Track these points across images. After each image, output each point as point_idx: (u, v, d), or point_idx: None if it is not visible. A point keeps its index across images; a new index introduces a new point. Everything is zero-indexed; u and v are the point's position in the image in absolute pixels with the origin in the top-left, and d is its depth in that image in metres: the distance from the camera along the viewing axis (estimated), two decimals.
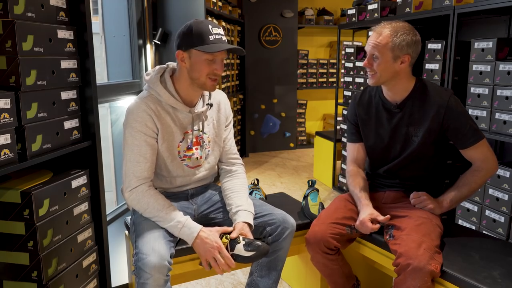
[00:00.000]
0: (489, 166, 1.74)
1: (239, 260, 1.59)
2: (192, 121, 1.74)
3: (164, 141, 1.69)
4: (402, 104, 1.80)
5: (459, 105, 1.75)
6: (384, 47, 1.72)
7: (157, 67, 1.75)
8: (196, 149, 1.76)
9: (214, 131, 1.82)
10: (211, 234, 1.60)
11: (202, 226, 1.61)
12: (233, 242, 1.60)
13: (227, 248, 1.59)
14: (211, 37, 1.60)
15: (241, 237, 1.61)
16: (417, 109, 1.78)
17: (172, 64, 1.76)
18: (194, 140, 1.76)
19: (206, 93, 1.81)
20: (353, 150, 1.99)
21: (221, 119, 1.85)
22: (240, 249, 1.58)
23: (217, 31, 1.63)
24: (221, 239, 1.62)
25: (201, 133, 1.77)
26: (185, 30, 1.63)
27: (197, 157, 1.77)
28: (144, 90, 1.73)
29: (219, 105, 1.85)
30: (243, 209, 1.72)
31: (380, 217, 1.72)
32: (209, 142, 1.81)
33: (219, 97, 1.87)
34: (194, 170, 1.79)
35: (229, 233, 1.64)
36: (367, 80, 1.82)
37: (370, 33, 2.04)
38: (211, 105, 1.79)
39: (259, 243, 1.60)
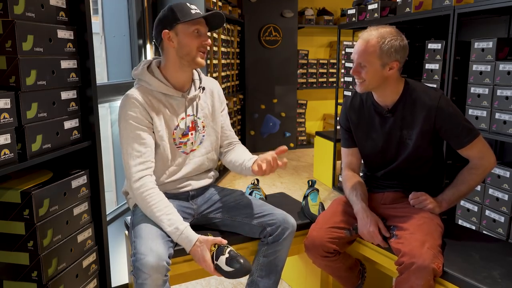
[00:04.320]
0: (486, 163, 1.72)
1: (219, 271, 1.56)
2: (185, 106, 1.76)
3: (159, 130, 1.70)
4: (393, 109, 1.78)
5: (450, 106, 1.71)
6: (372, 55, 1.67)
7: (143, 60, 1.78)
8: (192, 134, 1.79)
9: (209, 116, 1.85)
10: (202, 246, 1.57)
11: (199, 236, 1.59)
12: (219, 252, 1.57)
13: (212, 256, 1.57)
14: (193, 11, 1.67)
15: (228, 249, 1.57)
16: (408, 112, 1.75)
17: (157, 58, 1.79)
18: (190, 125, 1.77)
19: (197, 78, 1.84)
20: (347, 155, 1.98)
21: (215, 105, 1.88)
22: (222, 261, 1.55)
23: (194, 7, 1.69)
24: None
25: (196, 118, 1.79)
26: (165, 13, 1.69)
27: (192, 142, 1.80)
28: (134, 85, 1.76)
29: (213, 92, 1.88)
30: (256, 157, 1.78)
31: (383, 227, 1.71)
32: (203, 127, 1.83)
33: (212, 84, 1.90)
34: (190, 155, 1.80)
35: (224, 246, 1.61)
36: (356, 87, 1.79)
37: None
38: (203, 88, 1.82)
39: (242, 261, 1.55)
